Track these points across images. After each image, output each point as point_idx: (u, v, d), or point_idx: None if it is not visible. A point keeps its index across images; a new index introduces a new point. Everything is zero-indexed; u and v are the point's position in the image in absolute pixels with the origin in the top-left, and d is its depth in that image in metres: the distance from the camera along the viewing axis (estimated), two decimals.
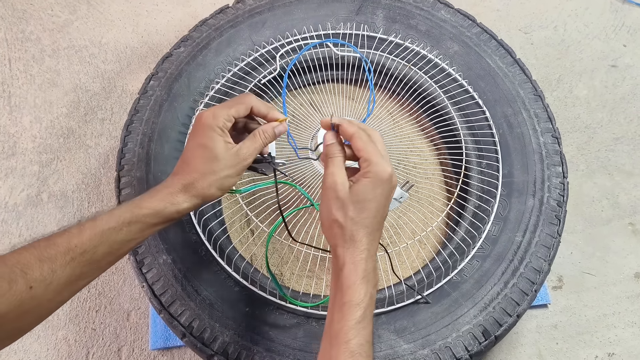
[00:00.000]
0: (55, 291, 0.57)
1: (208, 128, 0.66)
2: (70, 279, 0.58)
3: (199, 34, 1.14)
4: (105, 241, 0.61)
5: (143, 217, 0.63)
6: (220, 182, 0.67)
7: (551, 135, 1.04)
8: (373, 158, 0.61)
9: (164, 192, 0.66)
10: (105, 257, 0.62)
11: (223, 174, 0.66)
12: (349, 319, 0.57)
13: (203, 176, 0.66)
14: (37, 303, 0.55)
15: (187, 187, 0.66)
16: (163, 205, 0.64)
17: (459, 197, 1.03)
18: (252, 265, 0.97)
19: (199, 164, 0.66)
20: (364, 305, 0.58)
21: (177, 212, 0.66)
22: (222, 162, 0.66)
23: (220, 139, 0.66)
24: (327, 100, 1.16)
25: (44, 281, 0.55)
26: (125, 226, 0.62)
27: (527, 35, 1.42)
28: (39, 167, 1.21)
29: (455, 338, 0.86)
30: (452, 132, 1.09)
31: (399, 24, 1.17)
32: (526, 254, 0.93)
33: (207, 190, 0.66)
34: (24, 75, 1.33)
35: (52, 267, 0.56)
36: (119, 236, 0.62)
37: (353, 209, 0.60)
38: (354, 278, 0.59)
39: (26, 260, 0.55)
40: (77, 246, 0.58)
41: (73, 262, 0.58)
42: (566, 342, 1.05)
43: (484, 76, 1.11)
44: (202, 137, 0.66)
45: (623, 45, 1.40)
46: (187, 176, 0.66)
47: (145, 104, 1.05)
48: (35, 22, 1.41)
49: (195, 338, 0.86)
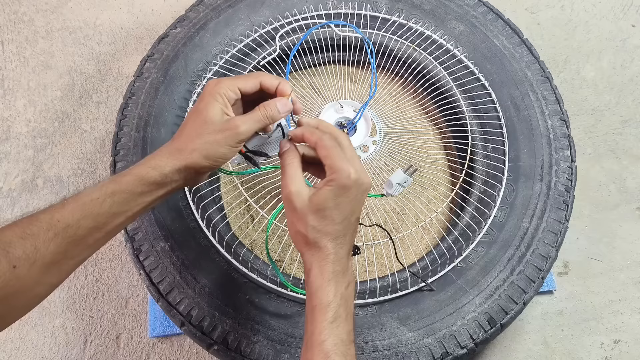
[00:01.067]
0: (41, 271, 0.54)
1: (208, 94, 0.62)
2: (56, 257, 0.55)
3: (196, 14, 1.10)
4: (88, 214, 0.57)
5: (126, 184, 0.60)
6: (205, 147, 0.61)
7: (559, 118, 1.01)
8: (336, 164, 0.59)
9: (149, 157, 0.63)
10: (91, 233, 0.58)
11: (209, 138, 0.61)
12: (320, 321, 0.57)
13: (189, 139, 0.62)
14: (22, 283, 0.53)
15: (171, 151, 0.62)
16: (145, 169, 0.61)
17: (464, 182, 1.01)
18: (252, 252, 0.95)
19: (188, 128, 0.63)
20: (334, 306, 0.58)
21: (160, 176, 0.61)
22: (210, 126, 0.61)
23: (217, 105, 0.62)
24: (328, 83, 1.13)
25: (28, 260, 0.52)
26: (108, 197, 0.59)
27: (534, 15, 1.38)
28: (34, 151, 1.19)
29: (460, 326, 0.84)
30: (457, 115, 1.06)
31: (402, 3, 1.13)
32: (533, 240, 0.91)
33: (189, 154, 0.61)
34: (17, 57, 1.29)
35: (35, 245, 0.53)
36: (103, 208, 0.58)
37: (313, 218, 0.59)
38: (320, 281, 0.59)
39: (8, 239, 0.52)
40: (60, 220, 0.55)
41: (57, 238, 0.55)
42: (572, 329, 1.03)
43: (490, 57, 1.07)
44: (201, 102, 0.63)
45: (632, 25, 1.37)
46: (174, 141, 0.63)
47: (141, 86, 1.02)
48: (28, 2, 1.37)
49: (194, 327, 0.84)
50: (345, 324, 0.59)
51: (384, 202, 1.06)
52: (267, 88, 0.66)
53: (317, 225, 0.59)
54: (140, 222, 0.91)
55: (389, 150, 1.03)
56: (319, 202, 0.59)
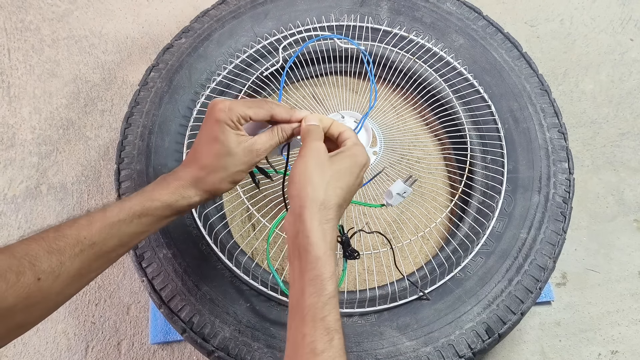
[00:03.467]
0: (64, 283, 0.56)
1: (223, 121, 0.63)
2: (80, 272, 0.57)
3: (201, 24, 1.12)
4: (115, 234, 0.60)
5: (154, 210, 0.62)
6: (231, 178, 0.66)
7: (557, 131, 1.02)
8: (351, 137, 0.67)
9: (174, 184, 0.65)
10: (115, 250, 0.61)
11: (235, 170, 0.65)
12: (321, 294, 0.54)
13: (214, 171, 0.64)
14: (44, 295, 0.54)
15: (197, 181, 0.65)
16: (174, 198, 0.64)
17: (463, 193, 1.02)
18: (253, 260, 0.96)
19: (210, 159, 0.64)
20: (335, 281, 0.56)
21: (188, 205, 0.65)
22: (234, 158, 0.64)
23: (232, 133, 0.64)
24: (330, 93, 1.15)
25: (53, 273, 0.54)
26: (135, 218, 0.61)
27: (533, 28, 1.40)
28: (38, 158, 1.20)
29: (459, 336, 0.85)
30: (457, 127, 1.08)
31: (403, 16, 1.15)
32: (531, 251, 0.92)
33: (218, 185, 0.65)
34: (23, 65, 1.31)
35: (61, 260, 0.55)
36: (130, 228, 0.61)
37: (331, 174, 0.61)
38: (323, 249, 0.56)
39: (34, 252, 0.53)
40: (87, 238, 0.57)
41: (82, 254, 0.57)
42: (569, 340, 1.04)
43: (489, 70, 1.09)
44: (215, 130, 0.64)
45: (630, 39, 1.38)
46: (198, 171, 0.65)
47: (146, 95, 1.04)
48: (34, 11, 1.39)
49: (195, 334, 0.85)
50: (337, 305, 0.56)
51: (384, 212, 1.07)
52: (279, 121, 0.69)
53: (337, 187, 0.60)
54: None
55: (389, 160, 1.05)
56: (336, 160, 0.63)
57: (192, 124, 1.02)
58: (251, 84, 1.08)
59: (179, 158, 1.00)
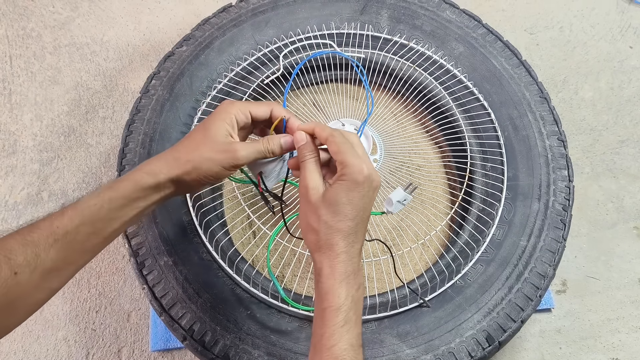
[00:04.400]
0: (41, 276, 0.55)
1: (219, 112, 0.65)
2: (56, 263, 0.57)
3: (202, 32, 1.12)
4: (86, 220, 0.59)
5: (123, 190, 0.61)
6: (200, 162, 0.63)
7: (557, 138, 1.03)
8: (348, 159, 0.59)
9: (145, 162, 0.64)
10: (89, 238, 0.60)
11: (207, 155, 0.63)
12: (330, 324, 0.56)
13: (187, 150, 0.64)
14: (23, 289, 0.54)
15: (168, 159, 0.64)
16: (140, 175, 0.62)
17: (463, 200, 1.02)
18: (254, 267, 0.96)
19: (190, 139, 0.65)
20: (345, 309, 0.57)
21: (155, 182, 0.63)
22: (210, 144, 0.63)
23: (224, 125, 0.64)
24: (330, 100, 1.15)
25: (29, 266, 0.54)
26: (106, 203, 0.60)
27: (533, 35, 1.41)
28: (40, 165, 1.20)
29: (459, 343, 0.85)
30: (457, 134, 1.08)
31: (403, 24, 1.15)
32: (531, 259, 0.92)
33: (183, 165, 0.63)
34: (24, 72, 1.32)
35: (36, 251, 0.55)
36: (100, 214, 0.60)
37: (326, 212, 0.59)
38: (331, 282, 0.58)
39: (10, 246, 0.54)
40: (59, 227, 0.57)
41: (57, 244, 0.56)
42: (569, 347, 1.04)
43: (489, 78, 1.09)
44: (210, 118, 0.65)
45: (629, 47, 1.39)
46: (174, 148, 0.65)
47: (147, 103, 1.04)
48: (36, 18, 1.40)
49: (196, 341, 0.85)
50: (355, 327, 0.57)
51: (384, 219, 1.07)
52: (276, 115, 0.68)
53: (330, 221, 0.58)
54: (144, 237, 0.92)
55: (390, 167, 1.05)
56: (331, 197, 0.59)
57: None
58: (252, 91, 1.08)
59: None
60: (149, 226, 0.92)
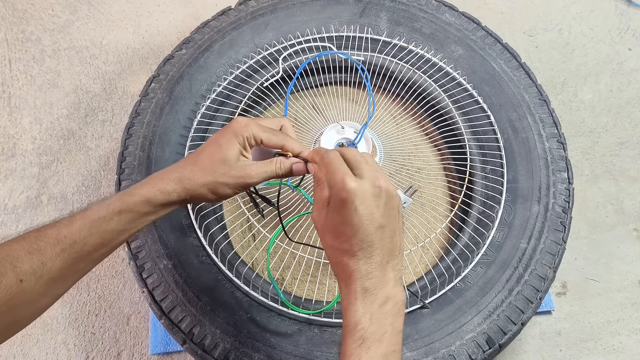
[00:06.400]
0: (47, 284, 0.55)
1: (234, 132, 0.64)
2: (62, 272, 0.57)
3: (201, 35, 1.12)
4: (95, 231, 0.59)
5: (133, 205, 0.61)
6: (214, 186, 0.64)
7: (556, 141, 1.03)
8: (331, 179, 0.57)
9: (157, 179, 0.64)
10: (97, 249, 0.60)
11: (221, 180, 0.64)
12: (347, 344, 0.54)
13: (202, 173, 0.63)
14: (28, 296, 0.54)
15: (181, 179, 0.63)
16: (153, 193, 0.62)
17: (462, 203, 1.02)
18: (253, 270, 0.96)
19: (204, 159, 0.64)
20: (361, 327, 0.54)
21: (167, 201, 0.63)
22: (225, 168, 0.64)
23: (237, 147, 0.64)
24: (329, 103, 1.15)
25: (34, 274, 0.54)
26: (115, 215, 0.60)
27: (532, 38, 1.41)
28: (39, 168, 1.20)
29: (459, 346, 0.85)
30: (456, 137, 1.08)
31: (403, 26, 1.16)
32: (531, 261, 0.92)
33: (198, 188, 0.63)
34: (24, 76, 1.32)
35: (42, 260, 0.54)
36: (110, 226, 0.60)
37: (329, 238, 0.58)
38: (347, 301, 0.56)
39: (15, 253, 0.53)
40: (67, 237, 0.57)
41: (63, 254, 0.56)
42: (570, 349, 1.04)
43: (488, 80, 1.09)
44: (224, 137, 0.64)
45: (628, 49, 1.39)
46: (187, 167, 0.64)
47: (146, 106, 1.04)
48: (35, 22, 1.40)
49: (195, 345, 0.85)
50: (379, 345, 0.53)
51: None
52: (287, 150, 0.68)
53: (334, 244, 0.57)
54: (144, 240, 0.92)
55: (390, 170, 1.05)
56: (328, 222, 0.57)
57: (192, 135, 1.02)
58: (251, 94, 1.08)
59: None
60: (149, 229, 0.92)
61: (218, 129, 1.06)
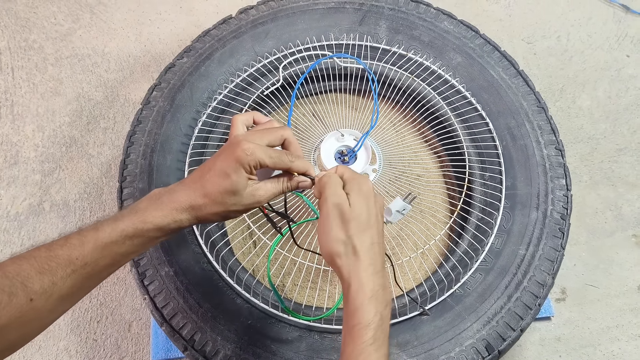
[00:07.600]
0: (57, 302, 0.56)
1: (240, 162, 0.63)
2: (71, 290, 0.58)
3: (202, 44, 1.14)
4: (107, 254, 0.60)
5: (146, 231, 0.63)
6: (226, 214, 0.66)
7: (555, 148, 1.03)
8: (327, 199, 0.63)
9: (169, 206, 0.64)
10: (106, 268, 0.61)
11: (232, 209, 0.65)
12: (358, 342, 0.56)
13: (214, 203, 0.64)
14: (38, 314, 0.55)
15: (193, 208, 0.64)
16: (167, 222, 0.63)
17: (462, 209, 1.03)
18: (254, 277, 0.97)
19: (214, 192, 0.64)
20: (374, 327, 0.56)
21: (179, 228, 0.65)
22: (237, 198, 0.64)
23: (245, 177, 0.64)
24: (330, 110, 1.16)
25: (45, 293, 0.54)
26: (127, 240, 0.61)
27: (530, 45, 1.42)
28: (41, 176, 1.21)
29: (459, 352, 0.86)
30: (455, 144, 1.09)
31: (402, 34, 1.17)
32: (530, 268, 0.93)
33: (211, 217, 0.65)
34: (26, 83, 1.33)
35: (53, 280, 0.55)
36: (121, 249, 0.61)
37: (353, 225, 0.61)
38: (361, 299, 0.58)
39: (26, 273, 0.54)
40: (79, 259, 0.58)
41: (74, 275, 0.57)
42: (569, 355, 1.04)
43: (487, 87, 1.10)
44: (230, 166, 0.63)
45: (626, 55, 1.40)
46: (198, 198, 0.64)
47: (148, 114, 1.05)
48: (38, 30, 1.41)
49: (196, 351, 0.85)
50: (383, 346, 0.57)
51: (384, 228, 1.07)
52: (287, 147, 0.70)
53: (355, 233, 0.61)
54: None
55: (389, 177, 1.06)
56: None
57: (193, 143, 1.03)
58: (252, 102, 1.09)
59: (181, 176, 1.01)
60: None
61: (219, 137, 1.07)
